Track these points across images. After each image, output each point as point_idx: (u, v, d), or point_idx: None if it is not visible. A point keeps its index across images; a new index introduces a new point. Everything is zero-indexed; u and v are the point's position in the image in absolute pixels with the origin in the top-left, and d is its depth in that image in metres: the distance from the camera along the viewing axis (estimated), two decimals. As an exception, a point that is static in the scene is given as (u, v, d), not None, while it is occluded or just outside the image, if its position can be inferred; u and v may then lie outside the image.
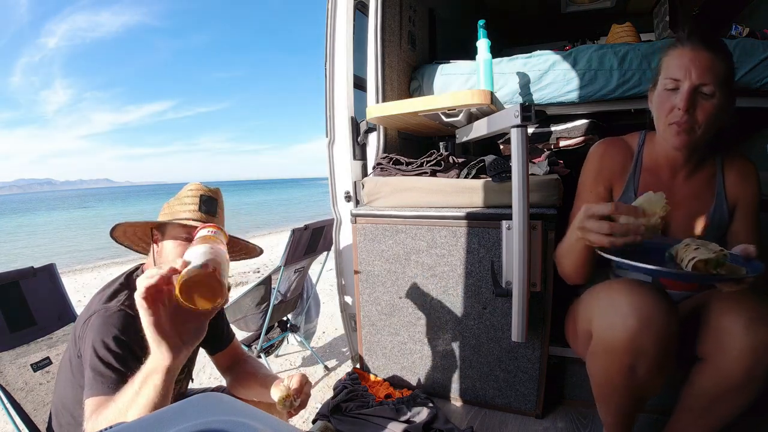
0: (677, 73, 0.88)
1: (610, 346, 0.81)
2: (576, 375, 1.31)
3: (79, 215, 27.82)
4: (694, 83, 0.86)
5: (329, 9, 1.51)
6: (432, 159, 1.43)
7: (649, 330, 0.76)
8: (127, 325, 0.82)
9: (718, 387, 0.80)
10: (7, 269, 1.11)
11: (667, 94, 0.91)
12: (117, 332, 0.80)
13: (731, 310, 0.79)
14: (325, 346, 2.81)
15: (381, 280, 1.45)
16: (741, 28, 1.64)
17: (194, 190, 0.97)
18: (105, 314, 0.82)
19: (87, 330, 0.82)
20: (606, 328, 0.82)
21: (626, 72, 1.50)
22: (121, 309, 0.84)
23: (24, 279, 1.12)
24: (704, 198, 0.99)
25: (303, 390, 0.93)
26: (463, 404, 1.39)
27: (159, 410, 0.36)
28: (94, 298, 0.89)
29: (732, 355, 0.76)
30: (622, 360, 0.80)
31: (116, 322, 0.82)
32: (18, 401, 1.05)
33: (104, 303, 0.85)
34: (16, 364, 1.07)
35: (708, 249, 0.73)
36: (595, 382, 0.91)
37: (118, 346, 0.79)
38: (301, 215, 17.44)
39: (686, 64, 0.87)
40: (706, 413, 0.84)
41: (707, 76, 0.86)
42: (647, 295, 0.79)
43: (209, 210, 0.98)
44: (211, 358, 1.12)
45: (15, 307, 1.09)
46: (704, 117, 0.88)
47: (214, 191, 1.00)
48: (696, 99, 0.87)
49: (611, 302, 0.83)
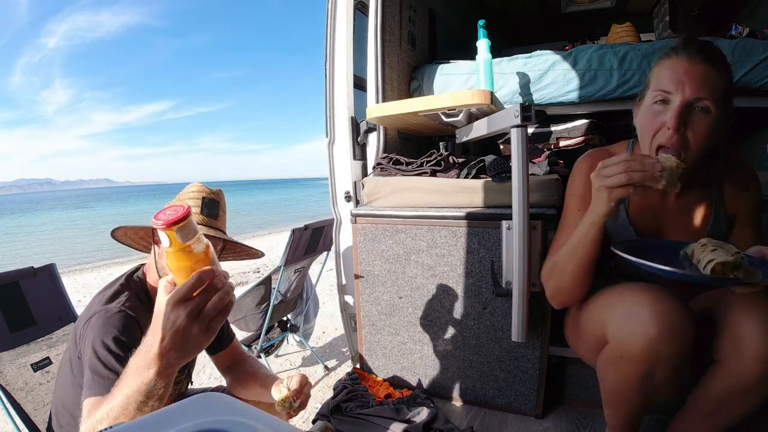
0: (669, 85, 0.80)
1: (627, 353, 0.78)
2: (576, 375, 1.31)
3: (79, 215, 27.83)
4: (687, 98, 0.78)
5: (329, 9, 1.51)
6: (432, 159, 1.43)
7: (670, 338, 0.73)
8: (127, 326, 0.82)
9: (729, 389, 0.78)
10: (7, 269, 1.11)
11: (655, 109, 0.83)
12: (117, 333, 0.80)
13: (747, 314, 0.76)
14: (325, 346, 2.81)
15: (381, 280, 1.45)
16: (741, 28, 1.64)
17: (196, 192, 0.96)
18: (105, 315, 0.82)
19: (87, 330, 0.82)
20: (625, 335, 0.78)
21: (626, 72, 1.50)
22: (122, 310, 0.84)
23: (24, 279, 1.12)
24: (701, 211, 0.93)
25: (303, 391, 0.93)
26: (463, 404, 1.39)
27: (159, 410, 0.36)
28: (95, 299, 0.89)
29: (747, 359, 0.75)
30: (639, 368, 0.77)
31: (117, 323, 0.82)
32: (18, 401, 1.05)
33: (105, 304, 0.85)
34: (16, 364, 1.07)
35: (725, 250, 0.71)
36: (607, 388, 0.88)
37: (118, 346, 0.79)
38: (301, 215, 17.44)
39: (680, 76, 0.79)
40: (714, 414, 0.82)
41: (703, 90, 0.78)
42: (668, 301, 0.76)
43: (211, 213, 0.97)
44: (211, 358, 1.12)
45: (15, 307, 1.09)
46: (697, 137, 0.79)
47: (216, 193, 0.99)
48: (688, 116, 0.79)
49: (630, 308, 0.79)
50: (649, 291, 0.78)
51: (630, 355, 0.77)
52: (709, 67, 0.79)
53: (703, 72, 0.78)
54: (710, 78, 0.78)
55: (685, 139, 0.80)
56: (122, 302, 0.86)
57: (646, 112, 0.86)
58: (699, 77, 0.78)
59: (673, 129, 0.78)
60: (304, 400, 0.93)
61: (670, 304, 0.75)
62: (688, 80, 0.78)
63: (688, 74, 0.79)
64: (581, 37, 2.57)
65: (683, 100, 0.78)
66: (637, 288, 0.81)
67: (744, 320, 0.76)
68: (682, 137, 0.79)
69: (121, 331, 0.81)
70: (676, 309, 0.75)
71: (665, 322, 0.74)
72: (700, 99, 0.78)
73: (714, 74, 0.79)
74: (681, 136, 0.79)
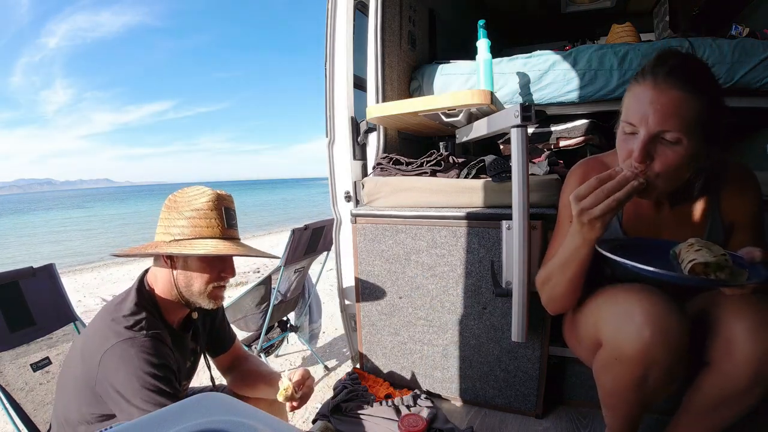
0: (633, 117, 0.76)
1: (622, 356, 0.78)
2: (576, 375, 1.31)
3: (79, 215, 27.82)
4: (651, 131, 0.74)
5: (329, 9, 1.51)
6: (432, 159, 1.43)
7: (663, 340, 0.73)
8: (158, 349, 0.83)
9: (722, 391, 0.78)
10: (7, 269, 1.10)
11: (625, 138, 0.80)
12: (155, 359, 0.81)
13: (737, 316, 0.76)
14: (325, 346, 2.81)
15: (381, 280, 1.45)
16: (741, 28, 1.64)
17: (214, 201, 0.91)
18: (135, 344, 0.81)
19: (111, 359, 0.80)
20: (619, 338, 0.78)
21: (626, 72, 1.50)
22: (148, 336, 0.83)
23: (23, 279, 1.12)
24: (696, 221, 0.91)
25: (305, 383, 0.95)
26: (463, 404, 1.39)
27: (159, 410, 0.36)
28: (106, 319, 0.85)
29: (738, 361, 0.74)
30: (634, 370, 0.77)
31: (149, 350, 0.81)
32: (18, 401, 1.05)
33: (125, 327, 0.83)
34: (16, 364, 1.07)
35: (710, 251, 0.71)
36: (604, 391, 0.88)
37: (161, 370, 0.80)
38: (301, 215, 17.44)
39: (644, 107, 0.74)
40: (708, 416, 0.82)
41: (670, 121, 0.72)
42: (661, 303, 0.75)
43: (232, 223, 0.94)
44: (213, 360, 1.12)
45: (14, 307, 1.08)
46: (666, 167, 0.75)
47: (229, 198, 0.96)
48: (654, 148, 0.75)
49: (623, 310, 0.78)
50: (642, 293, 0.78)
51: (624, 357, 0.77)
52: (679, 93, 0.72)
53: (670, 101, 0.72)
54: (680, 106, 0.72)
55: (651, 170, 0.76)
56: (143, 326, 0.84)
57: (619, 138, 0.83)
58: (665, 107, 0.73)
59: (638, 161, 0.75)
60: (306, 392, 0.95)
61: (663, 306, 0.75)
62: (653, 112, 0.73)
63: (653, 105, 0.73)
64: (581, 37, 2.57)
65: (647, 134, 0.74)
66: (629, 289, 0.81)
67: (734, 322, 0.76)
68: (648, 168, 0.76)
69: (156, 355, 0.82)
70: (669, 311, 0.74)
71: (659, 325, 0.73)
72: (666, 132, 0.73)
73: (685, 101, 0.72)
74: (648, 167, 0.76)
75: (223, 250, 0.88)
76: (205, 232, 0.89)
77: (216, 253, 0.87)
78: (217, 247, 0.88)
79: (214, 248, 0.87)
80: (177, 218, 0.90)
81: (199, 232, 0.89)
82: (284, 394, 0.91)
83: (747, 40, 1.44)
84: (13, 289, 1.09)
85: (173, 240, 0.89)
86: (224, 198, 0.93)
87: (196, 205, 0.90)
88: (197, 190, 0.93)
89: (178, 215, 0.90)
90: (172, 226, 0.90)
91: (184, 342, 0.99)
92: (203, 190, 0.92)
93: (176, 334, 0.96)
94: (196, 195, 0.91)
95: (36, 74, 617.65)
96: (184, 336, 0.99)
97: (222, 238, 0.90)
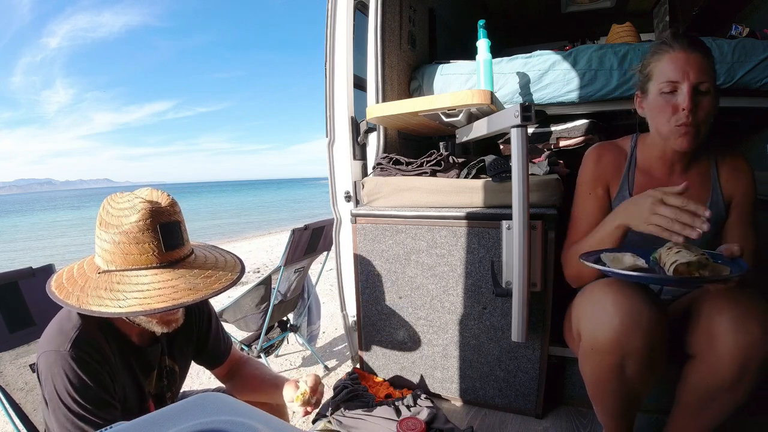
0: (675, 75, 0.91)
1: (597, 345, 0.83)
2: (576, 375, 1.31)
3: (79, 215, 27.81)
4: (693, 83, 0.90)
5: (329, 9, 1.51)
6: (432, 159, 1.43)
7: (635, 329, 0.78)
8: (90, 370, 0.75)
9: (710, 385, 0.81)
10: (6, 269, 1.10)
11: (665, 97, 0.93)
12: (84, 380, 0.74)
13: (720, 309, 0.80)
14: (325, 346, 2.81)
15: (381, 280, 1.45)
16: (741, 28, 1.64)
17: (146, 221, 0.72)
18: (63, 357, 0.74)
19: (42, 363, 0.75)
20: (593, 328, 0.84)
21: (626, 72, 1.50)
22: (80, 353, 0.75)
23: (23, 279, 1.11)
24: (700, 194, 1.01)
25: (318, 390, 0.95)
26: (463, 404, 1.39)
27: (159, 410, 0.36)
28: (57, 320, 0.81)
29: (722, 354, 0.77)
30: (609, 360, 0.82)
31: (79, 369, 0.74)
32: (17, 401, 1.04)
33: (63, 338, 0.76)
34: (16, 365, 1.07)
35: (690, 252, 0.73)
36: (588, 382, 0.93)
37: (88, 392, 0.74)
38: (301, 215, 17.44)
39: (682, 66, 0.91)
40: (701, 411, 0.85)
41: (703, 75, 0.90)
42: (633, 294, 0.80)
43: (175, 243, 0.76)
44: (212, 372, 1.11)
45: (14, 307, 1.08)
46: (704, 114, 0.91)
47: (170, 209, 0.77)
48: (696, 97, 0.90)
49: (597, 302, 0.85)
50: (615, 285, 0.83)
51: (599, 346, 0.83)
52: (700, 55, 0.91)
53: (698, 59, 0.91)
54: (704, 64, 0.91)
55: (696, 117, 0.90)
56: (80, 341, 0.76)
57: (655, 101, 0.96)
58: (697, 64, 0.90)
59: (688, 109, 0.89)
60: (318, 398, 0.96)
61: (634, 297, 0.80)
62: (690, 68, 0.90)
63: (689, 63, 0.90)
64: (581, 37, 2.57)
65: (690, 85, 0.90)
66: (605, 283, 0.86)
67: (717, 316, 0.79)
68: (695, 116, 0.90)
69: (90, 376, 0.75)
70: (640, 300, 0.79)
71: (631, 314, 0.78)
72: (702, 82, 0.90)
73: (705, 60, 0.92)
74: (694, 115, 0.90)
75: (154, 296, 0.71)
76: (139, 261, 0.73)
77: (140, 311, 0.69)
78: (149, 291, 0.71)
79: (140, 299, 0.70)
80: (106, 241, 0.74)
81: (132, 260, 0.73)
82: (302, 399, 0.93)
83: (747, 40, 1.44)
84: (13, 290, 1.09)
85: (101, 272, 0.76)
86: (161, 212, 0.74)
87: (124, 227, 0.72)
88: (127, 202, 0.75)
89: (106, 236, 0.74)
90: (103, 249, 0.75)
91: (148, 358, 0.89)
92: (134, 203, 0.74)
93: (138, 349, 0.87)
94: (126, 212, 0.74)
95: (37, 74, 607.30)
96: (149, 350, 0.89)
97: (159, 267, 0.74)
